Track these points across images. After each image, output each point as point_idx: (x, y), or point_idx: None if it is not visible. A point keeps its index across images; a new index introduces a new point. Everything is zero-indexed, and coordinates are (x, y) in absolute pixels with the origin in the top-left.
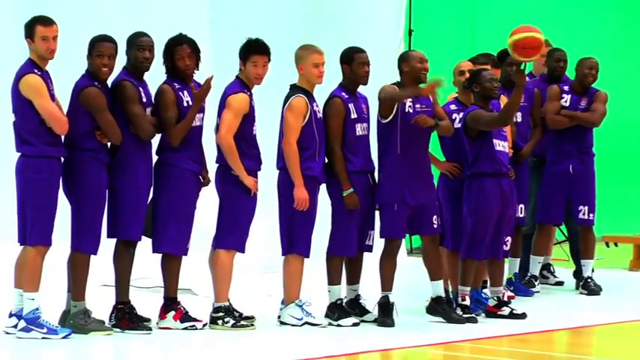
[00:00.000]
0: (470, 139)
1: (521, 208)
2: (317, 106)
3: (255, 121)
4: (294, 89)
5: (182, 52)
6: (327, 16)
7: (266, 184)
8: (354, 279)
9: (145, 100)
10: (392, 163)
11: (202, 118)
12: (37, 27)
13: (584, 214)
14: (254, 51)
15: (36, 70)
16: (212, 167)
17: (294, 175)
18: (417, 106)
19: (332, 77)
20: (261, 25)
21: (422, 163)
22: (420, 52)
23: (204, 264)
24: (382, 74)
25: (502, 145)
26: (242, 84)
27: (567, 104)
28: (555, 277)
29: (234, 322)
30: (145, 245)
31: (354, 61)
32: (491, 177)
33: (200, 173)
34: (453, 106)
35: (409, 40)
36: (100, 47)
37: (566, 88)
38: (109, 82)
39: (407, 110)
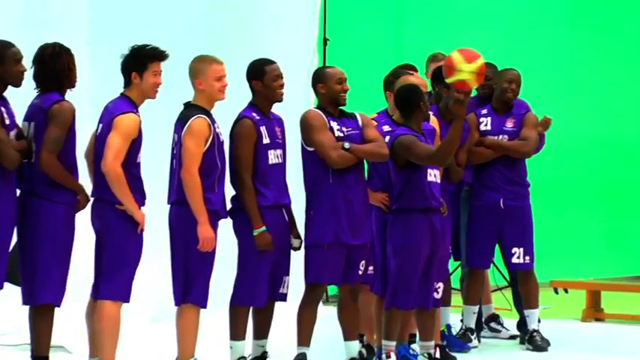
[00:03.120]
0: (397, 167)
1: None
2: (218, 127)
3: (141, 147)
4: (192, 109)
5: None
6: (227, 23)
7: (151, 221)
8: (261, 333)
9: (8, 122)
10: (324, 194)
11: None
12: None
13: (518, 257)
14: (157, 58)
15: None
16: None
17: (197, 210)
18: (344, 129)
19: (232, 97)
20: (151, 35)
21: (361, 194)
22: (338, 70)
23: (78, 316)
24: (294, 90)
25: (434, 175)
26: (130, 102)
27: (488, 128)
28: (507, 329)
29: None
30: (9, 293)
31: (266, 75)
32: (420, 212)
33: (77, 206)
34: (386, 127)
35: (324, 50)
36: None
37: (484, 111)
38: None
39: (336, 134)
